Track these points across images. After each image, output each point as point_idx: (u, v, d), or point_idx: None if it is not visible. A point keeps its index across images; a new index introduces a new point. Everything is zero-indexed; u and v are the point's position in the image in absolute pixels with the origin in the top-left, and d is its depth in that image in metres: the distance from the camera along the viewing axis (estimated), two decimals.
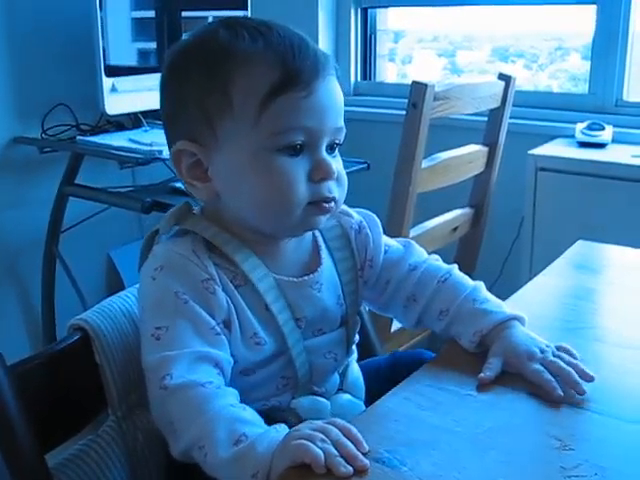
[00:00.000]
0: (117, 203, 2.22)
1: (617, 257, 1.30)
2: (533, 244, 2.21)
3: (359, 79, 2.97)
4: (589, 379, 0.80)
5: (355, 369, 0.96)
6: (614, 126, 2.32)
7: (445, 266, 0.97)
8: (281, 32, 0.83)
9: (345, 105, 0.87)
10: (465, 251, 2.18)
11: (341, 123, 0.85)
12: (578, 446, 0.71)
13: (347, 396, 0.92)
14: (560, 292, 1.13)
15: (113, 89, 2.25)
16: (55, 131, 2.36)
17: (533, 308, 1.01)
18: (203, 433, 0.71)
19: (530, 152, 2.20)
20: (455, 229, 2.04)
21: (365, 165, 2.39)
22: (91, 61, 2.23)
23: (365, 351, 1.14)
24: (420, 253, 0.98)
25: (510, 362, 0.83)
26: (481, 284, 0.94)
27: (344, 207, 0.94)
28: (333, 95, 0.84)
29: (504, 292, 1.02)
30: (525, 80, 2.86)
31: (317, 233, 0.93)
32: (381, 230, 0.97)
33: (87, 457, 0.85)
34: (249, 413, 0.73)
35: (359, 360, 1.16)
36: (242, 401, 0.77)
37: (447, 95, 1.75)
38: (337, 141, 0.85)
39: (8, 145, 2.37)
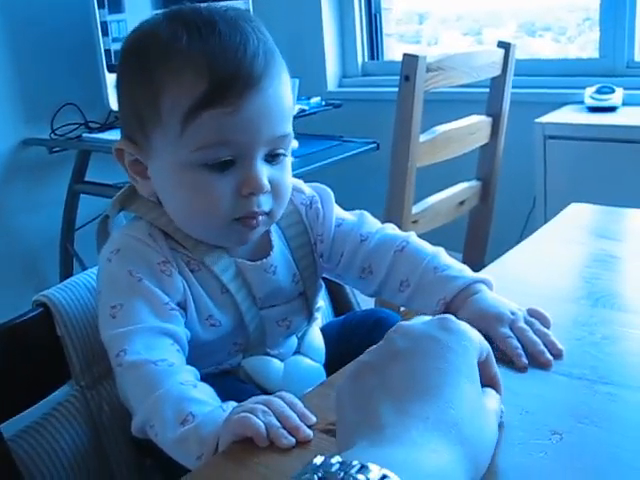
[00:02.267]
0: None
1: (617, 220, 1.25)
2: (546, 213, 2.16)
3: (366, 59, 2.95)
4: (557, 352, 0.76)
5: (315, 333, 0.95)
6: (626, 89, 2.27)
7: (402, 234, 0.92)
8: (223, 31, 0.77)
9: (353, 86, 0.83)
10: (476, 225, 2.15)
11: (285, 130, 0.81)
12: (538, 410, 0.68)
13: (302, 358, 0.92)
14: (545, 257, 1.10)
15: None
16: (64, 130, 2.38)
17: (516, 273, 0.98)
18: (152, 412, 0.71)
19: (537, 120, 2.15)
20: (462, 203, 2.00)
21: (375, 145, 2.38)
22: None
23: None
24: (373, 223, 0.95)
25: (478, 326, 0.80)
26: (441, 249, 0.90)
27: (297, 183, 0.93)
28: (272, 104, 0.78)
29: None
30: (555, 53, 2.81)
31: None
32: (334, 204, 0.95)
33: (49, 425, 0.86)
34: (199, 391, 0.73)
35: None
36: (194, 366, 0.77)
37: (441, 66, 1.71)
38: (280, 150, 0.82)
39: (18, 148, 2.41)
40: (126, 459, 0.91)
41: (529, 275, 1.00)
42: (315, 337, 0.95)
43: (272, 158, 0.81)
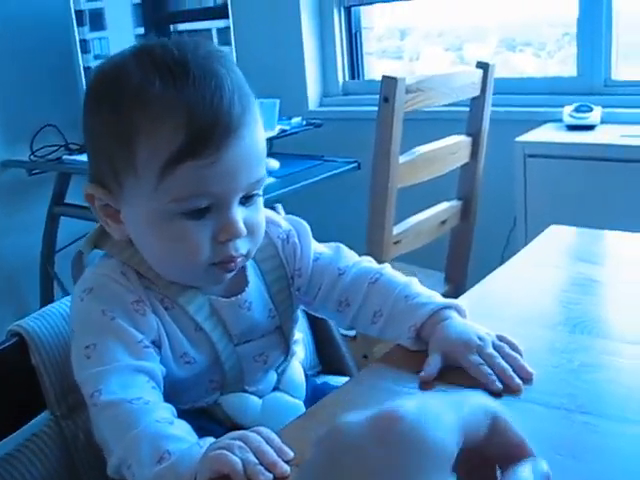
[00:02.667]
0: None
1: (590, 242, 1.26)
2: (527, 232, 2.17)
3: (347, 78, 2.96)
4: (527, 376, 0.76)
5: (296, 369, 0.94)
6: (604, 107, 2.28)
7: (376, 266, 0.92)
8: (197, 75, 0.75)
9: (334, 105, 0.81)
10: (458, 244, 2.15)
11: (259, 175, 0.80)
12: None
13: (281, 395, 0.91)
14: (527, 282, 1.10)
15: None
16: (44, 152, 2.37)
17: (494, 298, 0.98)
18: (129, 452, 0.70)
19: (517, 139, 2.17)
20: (443, 222, 2.01)
21: (356, 164, 2.38)
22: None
23: (330, 348, 1.14)
24: (350, 257, 0.94)
25: (448, 355, 0.80)
26: (414, 279, 0.90)
27: (273, 216, 0.92)
28: (248, 151, 0.77)
29: None
30: (535, 69, 2.83)
31: None
32: (311, 238, 0.94)
33: (22, 456, 0.85)
34: (176, 428, 0.72)
35: (326, 362, 1.14)
36: (170, 403, 0.76)
37: (420, 87, 1.72)
38: (255, 192, 0.81)
39: None
40: None
41: (507, 300, 1.00)
42: (295, 373, 0.94)
43: (246, 200, 0.81)
